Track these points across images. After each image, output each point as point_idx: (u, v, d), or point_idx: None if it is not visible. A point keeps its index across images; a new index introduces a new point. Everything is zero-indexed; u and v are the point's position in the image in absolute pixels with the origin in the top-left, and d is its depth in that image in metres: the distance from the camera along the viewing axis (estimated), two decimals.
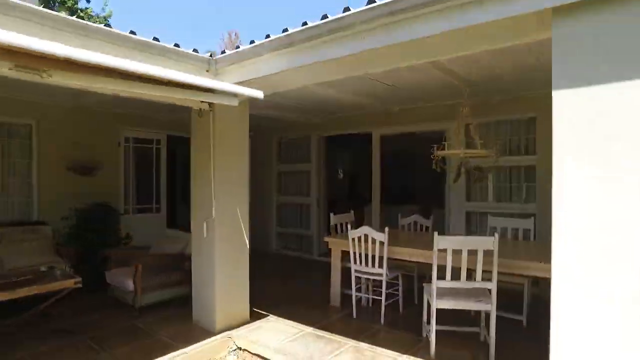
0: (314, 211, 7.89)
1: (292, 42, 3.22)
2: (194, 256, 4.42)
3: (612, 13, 1.98)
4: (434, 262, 3.57)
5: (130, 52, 3.22)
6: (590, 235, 2.03)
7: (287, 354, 3.71)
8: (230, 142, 4.26)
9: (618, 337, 1.95)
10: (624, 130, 1.94)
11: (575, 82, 2.06)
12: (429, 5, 2.45)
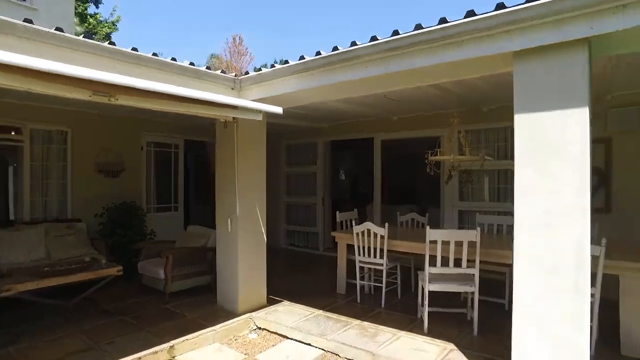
0: (320, 210, 8.53)
1: (307, 68, 3.87)
2: (218, 248, 5.07)
3: (552, 59, 2.63)
4: (427, 252, 4.21)
5: (174, 76, 3.87)
6: (535, 219, 2.68)
7: (302, 331, 4.35)
8: (250, 148, 4.91)
9: (549, 291, 2.61)
10: (555, 146, 2.59)
11: (525, 108, 2.72)
12: (418, 45, 3.10)
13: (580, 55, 2.57)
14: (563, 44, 2.59)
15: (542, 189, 2.68)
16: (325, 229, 8.46)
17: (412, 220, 6.18)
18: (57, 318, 4.61)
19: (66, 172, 6.70)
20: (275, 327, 4.59)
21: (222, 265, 5.01)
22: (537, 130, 2.70)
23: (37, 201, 6.34)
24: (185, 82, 3.96)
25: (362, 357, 3.82)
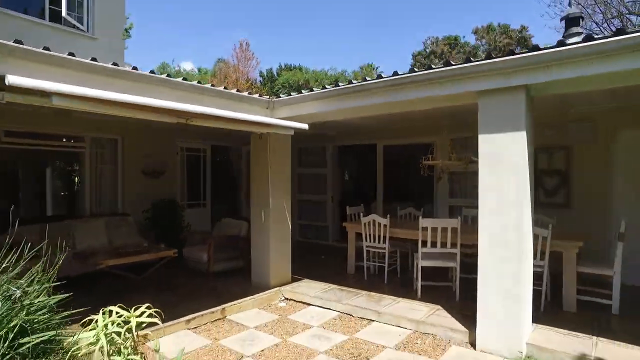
0: (329, 206, 9.75)
1: (327, 95, 5.09)
2: (253, 235, 6.28)
3: (502, 97, 3.85)
4: (419, 237, 5.42)
5: (224, 100, 5.08)
6: (491, 208, 3.90)
7: (322, 299, 5.57)
8: (279, 155, 6.12)
9: (501, 259, 3.82)
10: (503, 157, 3.81)
11: (485, 130, 3.94)
12: (411, 84, 4.32)
13: (521, 95, 3.78)
14: (510, 88, 3.81)
15: (495, 187, 3.90)
16: (334, 223, 9.67)
17: (410, 213, 7.39)
18: (130, 290, 5.82)
19: (117, 174, 7.92)
20: (300, 297, 5.80)
21: (256, 249, 6.23)
22: (492, 146, 3.92)
23: (94, 198, 7.56)
24: (232, 104, 5.17)
25: (370, 315, 5.03)
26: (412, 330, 4.67)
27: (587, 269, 4.89)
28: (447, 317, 4.76)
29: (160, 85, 4.34)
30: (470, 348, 4.17)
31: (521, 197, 3.80)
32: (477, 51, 24.19)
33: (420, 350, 4.16)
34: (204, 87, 4.87)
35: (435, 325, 4.57)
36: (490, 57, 3.84)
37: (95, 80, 3.72)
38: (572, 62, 3.44)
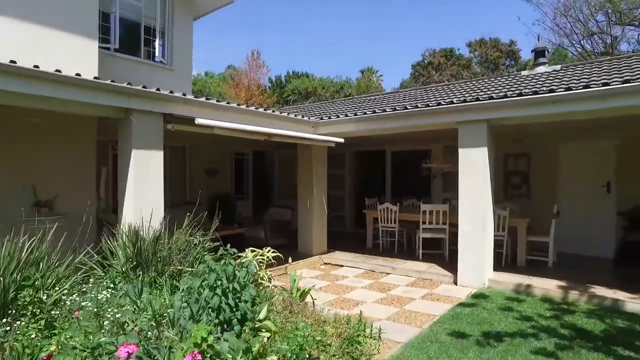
0: (347, 200, 12.10)
1: (358, 120, 7.45)
2: (300, 217, 8.63)
3: (472, 126, 6.23)
4: (420, 218, 7.78)
5: (288, 123, 7.42)
6: (467, 197, 6.28)
7: (352, 261, 7.92)
8: (319, 159, 8.47)
9: (473, 231, 6.21)
10: (473, 164, 6.19)
11: (462, 146, 6.32)
12: (417, 114, 6.69)
13: (483, 125, 6.15)
14: (476, 120, 6.18)
15: (469, 184, 6.26)
16: (351, 214, 12.02)
17: (412, 203, 9.74)
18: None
19: (185, 173, 10.24)
20: (335, 261, 8.16)
21: (302, 228, 8.58)
22: (467, 156, 6.28)
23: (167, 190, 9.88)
24: (292, 125, 7.51)
25: (387, 270, 7.40)
26: (416, 277, 7.03)
27: (533, 237, 7.28)
28: (439, 269, 7.13)
29: (256, 115, 6.72)
30: (453, 285, 6.53)
31: (484, 190, 6.18)
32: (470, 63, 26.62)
33: (422, 286, 6.52)
34: (278, 114, 7.25)
35: (431, 274, 6.95)
36: (465, 101, 6.21)
37: (225, 115, 6.12)
38: (511, 107, 5.82)
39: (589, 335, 4.33)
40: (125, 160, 5.50)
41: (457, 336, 4.31)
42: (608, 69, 7.51)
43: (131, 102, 5.30)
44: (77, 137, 6.53)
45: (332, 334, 3.42)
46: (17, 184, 5.75)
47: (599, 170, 8.17)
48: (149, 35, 9.38)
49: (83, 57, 6.54)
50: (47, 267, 3.70)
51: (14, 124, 5.78)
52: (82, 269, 4.14)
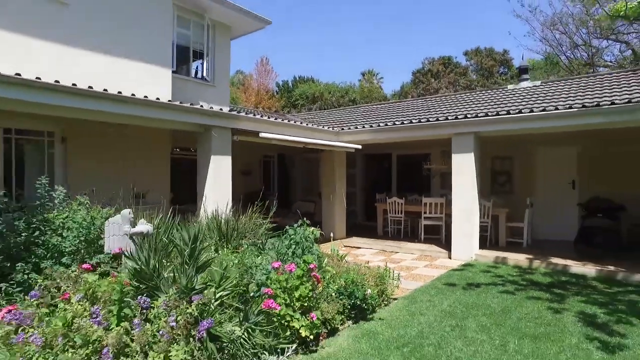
0: (359, 196, 14.04)
1: (373, 130, 9.40)
2: (324, 208, 10.56)
3: (464, 137, 8.19)
4: (422, 209, 9.72)
5: (317, 133, 9.36)
6: (459, 193, 8.24)
7: (367, 244, 9.87)
8: (339, 161, 10.41)
9: (463, 218, 8.17)
10: (463, 166, 8.16)
11: (455, 152, 8.28)
12: (420, 127, 8.64)
13: (471, 136, 8.10)
14: (466, 132, 8.12)
15: (460, 181, 8.21)
16: (361, 208, 13.95)
17: (415, 198, 11.67)
18: None
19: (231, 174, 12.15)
20: (353, 244, 10.10)
21: (326, 217, 10.52)
22: (459, 160, 8.23)
23: None
24: (320, 134, 9.44)
25: (396, 249, 9.34)
26: (419, 254, 8.98)
27: (512, 223, 9.23)
28: (437, 248, 9.09)
29: (295, 128, 8.66)
30: (448, 259, 8.47)
31: (472, 186, 8.12)
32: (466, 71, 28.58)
33: (424, 260, 8.46)
34: (312, 127, 9.19)
35: (431, 251, 8.90)
36: (456, 118, 8.15)
37: (275, 128, 8.06)
38: (491, 124, 7.77)
39: (539, 284, 6.28)
40: (204, 163, 7.44)
41: (449, 285, 6.25)
42: (577, 88, 9.54)
43: (212, 120, 7.24)
44: (158, 147, 8.46)
45: (369, 275, 5.35)
46: (123, 182, 7.67)
47: (566, 170, 10.12)
48: (195, 57, 11.31)
49: (162, 81, 8.45)
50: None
51: (122, 139, 7.71)
52: None
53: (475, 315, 4.88)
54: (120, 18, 7.64)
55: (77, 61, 6.95)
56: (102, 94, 5.69)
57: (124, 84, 7.04)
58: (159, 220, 5.39)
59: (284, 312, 3.62)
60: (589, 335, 4.24)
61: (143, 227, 4.60)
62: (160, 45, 8.56)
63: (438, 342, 4.06)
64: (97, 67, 7.24)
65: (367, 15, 60.17)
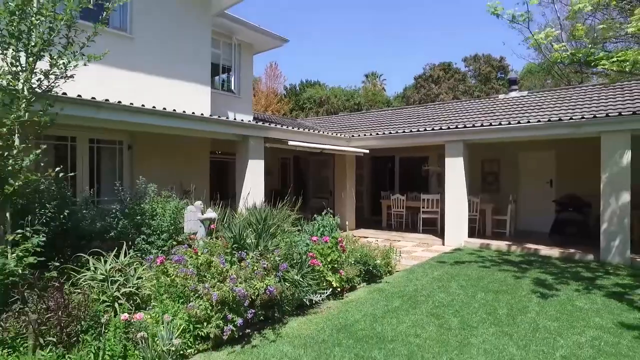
0: (365, 194, 15.74)
1: (380, 137, 11.11)
2: (337, 204, 12.27)
3: (455, 143, 9.90)
4: (421, 204, 11.42)
5: (332, 139, 11.07)
6: (451, 189, 9.96)
7: (374, 234, 11.58)
8: (350, 164, 12.12)
9: (454, 211, 9.89)
10: (454, 167, 9.87)
11: (448, 156, 9.99)
12: (419, 135, 10.34)
13: (460, 143, 9.79)
14: (456, 140, 9.82)
15: (452, 181, 9.91)
16: (368, 204, 15.66)
17: (415, 195, 13.37)
18: None
19: None
20: (362, 234, 11.80)
21: (340, 210, 12.22)
22: (451, 163, 9.93)
23: None
24: (335, 141, 11.14)
25: (398, 238, 11.05)
26: (418, 242, 10.68)
27: (497, 217, 10.91)
28: (433, 237, 10.79)
29: (313, 135, 10.38)
30: (442, 245, 10.16)
31: (461, 184, 9.81)
32: (465, 77, 30.23)
33: (422, 246, 10.15)
34: (328, 135, 10.90)
35: (428, 240, 10.60)
36: (449, 128, 9.84)
37: (298, 136, 9.79)
38: (476, 133, 9.47)
39: (511, 262, 7.98)
40: (243, 166, 9.16)
41: (440, 262, 7.96)
42: (557, 99, 11.28)
43: (248, 131, 8.97)
44: (200, 152, 10.19)
45: (377, 251, 7.05)
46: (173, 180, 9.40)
47: (545, 171, 11.79)
48: (223, 71, 13.03)
49: (203, 97, 10.16)
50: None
51: (173, 146, 9.43)
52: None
53: (457, 280, 6.59)
54: (172, 46, 9.35)
55: (140, 82, 8.67)
56: (163, 112, 7.40)
57: (176, 100, 8.76)
58: (220, 210, 7.11)
59: (322, 269, 5.35)
60: (535, 290, 5.94)
61: (211, 214, 6.36)
62: (202, 66, 10.27)
63: (427, 294, 5.78)
64: (155, 87, 8.95)
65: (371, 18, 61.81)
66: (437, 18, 57.03)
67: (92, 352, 3.32)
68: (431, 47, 58.73)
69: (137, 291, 4.38)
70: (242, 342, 4.09)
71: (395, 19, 60.42)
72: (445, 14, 54.64)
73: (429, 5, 56.40)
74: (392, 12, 59.50)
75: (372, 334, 4.33)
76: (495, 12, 6.17)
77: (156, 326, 3.74)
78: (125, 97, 7.43)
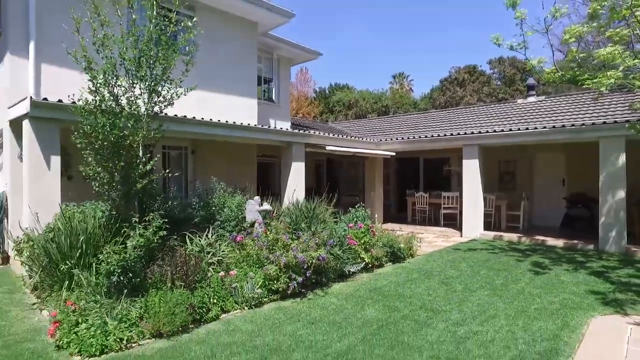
0: (392, 192, 17.16)
1: (405, 141, 12.55)
2: (367, 201, 13.78)
3: (472, 147, 11.24)
4: (442, 201, 12.78)
5: (363, 144, 12.59)
6: (468, 188, 11.30)
7: (400, 227, 13.03)
8: (378, 166, 13.60)
9: (470, 205, 11.23)
10: (470, 168, 11.21)
11: (465, 158, 11.33)
12: (440, 139, 11.72)
13: (476, 146, 11.11)
14: (472, 144, 11.14)
15: (468, 180, 11.24)
16: (394, 202, 17.08)
17: (437, 193, 14.70)
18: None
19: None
20: (389, 228, 13.24)
21: (369, 207, 13.68)
22: (468, 164, 11.27)
23: None
24: (366, 145, 12.65)
25: (422, 230, 12.46)
26: (439, 234, 12.05)
27: (511, 212, 12.15)
28: (452, 230, 12.15)
29: (345, 140, 11.94)
30: (460, 237, 11.50)
31: (477, 183, 11.13)
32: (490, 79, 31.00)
33: (442, 237, 11.53)
34: (358, 139, 12.44)
35: (448, 232, 11.97)
36: (466, 133, 11.18)
37: (334, 141, 11.37)
38: (489, 138, 10.77)
39: (518, 249, 9.28)
40: (288, 168, 10.81)
41: (455, 249, 9.36)
42: (570, 104, 12.41)
43: (292, 138, 10.61)
44: (248, 155, 11.92)
45: (401, 238, 8.54)
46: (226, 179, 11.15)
47: (558, 171, 12.91)
48: (265, 83, 14.76)
49: (252, 110, 11.88)
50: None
51: (226, 150, 11.18)
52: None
53: (467, 261, 8.00)
54: (226, 67, 11.10)
55: (203, 97, 10.45)
56: (221, 124, 9.10)
57: (229, 112, 10.49)
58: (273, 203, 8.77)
59: (357, 248, 6.90)
60: (531, 269, 7.30)
61: (267, 207, 8.02)
62: (250, 82, 12.00)
63: (440, 270, 7.24)
64: (213, 100, 10.73)
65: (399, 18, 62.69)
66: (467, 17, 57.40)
67: (206, 293, 4.98)
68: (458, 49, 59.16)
69: (223, 260, 6.07)
70: (301, 296, 5.70)
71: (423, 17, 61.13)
72: (476, 14, 54.99)
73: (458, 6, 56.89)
74: (421, 6, 60.26)
75: (395, 293, 5.86)
76: (497, 42, 7.53)
77: (242, 281, 5.40)
78: (191, 111, 9.19)
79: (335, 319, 4.87)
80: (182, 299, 4.62)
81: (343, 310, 5.17)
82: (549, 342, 4.20)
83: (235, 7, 10.81)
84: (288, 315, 5.01)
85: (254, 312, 5.13)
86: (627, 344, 4.19)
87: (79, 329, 4.13)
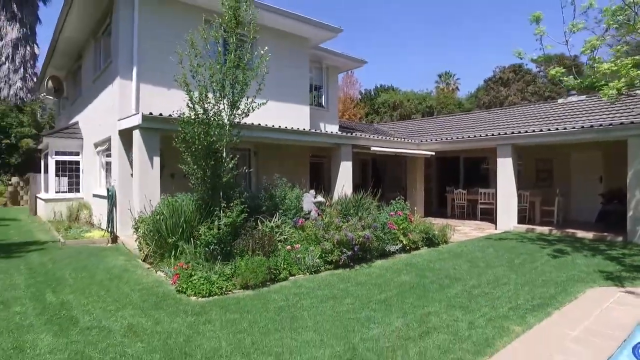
0: (433, 190, 18.19)
1: (443, 142, 13.66)
2: (409, 197, 15.00)
3: (506, 146, 12.20)
4: (479, 197, 13.76)
5: (405, 144, 13.83)
6: (502, 186, 12.27)
7: (439, 221, 14.15)
8: (420, 165, 14.78)
9: (504, 200, 12.20)
10: (505, 166, 12.17)
11: (499, 157, 12.30)
12: (476, 140, 12.76)
13: (509, 146, 12.06)
14: (506, 144, 12.10)
15: (503, 176, 12.20)
16: (436, 198, 18.12)
17: (475, 190, 15.61)
18: None
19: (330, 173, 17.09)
20: (431, 220, 14.41)
21: (411, 203, 14.93)
22: (502, 162, 12.23)
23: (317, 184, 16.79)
24: (407, 145, 13.88)
25: (459, 223, 13.52)
26: (475, 227, 13.07)
27: (545, 207, 12.93)
28: (488, 224, 13.13)
29: (387, 141, 13.26)
30: (495, 230, 12.46)
31: (510, 180, 12.07)
32: (535, 78, 30.82)
33: (478, 229, 12.55)
34: (400, 140, 13.71)
35: (483, 225, 12.98)
36: (499, 134, 12.15)
37: (378, 142, 12.76)
38: (522, 138, 11.70)
39: (546, 240, 10.21)
40: (336, 166, 12.31)
41: (487, 239, 10.45)
42: (604, 102, 13.02)
43: (341, 140, 12.09)
44: (302, 155, 13.54)
45: (436, 227, 9.76)
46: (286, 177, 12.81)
47: (594, 169, 13.49)
48: (315, 90, 16.34)
49: (304, 115, 13.47)
50: None
51: (283, 152, 12.83)
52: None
53: (494, 247, 9.12)
54: (282, 78, 12.77)
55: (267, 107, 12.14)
56: (280, 129, 10.72)
57: (285, 120, 12.14)
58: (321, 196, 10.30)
59: (396, 231, 8.27)
60: (550, 254, 8.32)
61: (321, 199, 9.56)
62: (303, 90, 13.62)
63: (469, 253, 8.44)
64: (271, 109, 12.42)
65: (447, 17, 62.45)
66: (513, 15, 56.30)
67: (278, 261, 6.57)
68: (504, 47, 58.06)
69: (288, 238, 7.66)
70: (349, 268, 7.17)
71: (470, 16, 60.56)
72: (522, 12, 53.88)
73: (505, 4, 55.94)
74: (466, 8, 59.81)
75: (427, 267, 7.19)
76: (520, 55, 8.57)
77: (304, 253, 6.95)
78: (256, 119, 10.90)
79: (377, 281, 6.30)
80: (261, 262, 6.23)
81: (383, 276, 6.59)
82: (545, 299, 5.40)
83: (291, 26, 12.47)
84: (340, 278, 6.50)
85: (314, 276, 6.66)
86: (610, 303, 5.30)
87: (193, 279, 5.84)
